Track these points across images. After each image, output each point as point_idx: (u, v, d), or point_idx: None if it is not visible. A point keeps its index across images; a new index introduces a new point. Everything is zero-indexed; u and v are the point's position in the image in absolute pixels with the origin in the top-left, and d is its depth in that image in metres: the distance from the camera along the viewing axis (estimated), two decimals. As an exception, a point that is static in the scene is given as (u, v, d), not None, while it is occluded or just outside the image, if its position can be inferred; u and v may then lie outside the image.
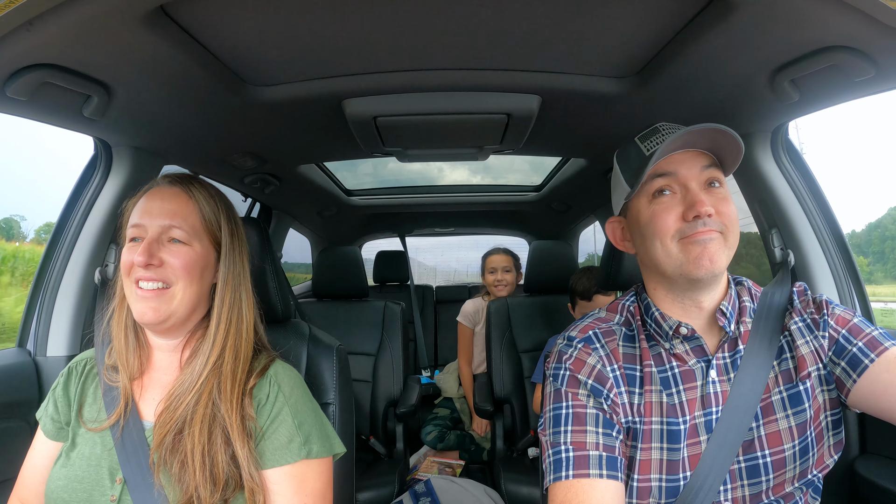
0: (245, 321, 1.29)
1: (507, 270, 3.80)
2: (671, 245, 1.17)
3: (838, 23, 1.14)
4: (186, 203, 1.27)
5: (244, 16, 1.25)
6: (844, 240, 1.82)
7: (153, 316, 1.19)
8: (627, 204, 1.28)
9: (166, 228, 1.22)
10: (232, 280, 1.30)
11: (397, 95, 1.74)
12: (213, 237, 1.29)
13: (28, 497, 1.27)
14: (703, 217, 1.13)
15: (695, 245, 1.14)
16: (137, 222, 1.23)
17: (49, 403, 1.31)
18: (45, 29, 1.10)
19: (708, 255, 1.13)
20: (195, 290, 1.25)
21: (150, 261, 1.18)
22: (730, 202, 1.18)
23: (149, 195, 1.27)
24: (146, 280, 1.19)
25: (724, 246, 1.15)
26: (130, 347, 1.28)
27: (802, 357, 1.20)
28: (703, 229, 1.13)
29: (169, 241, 1.23)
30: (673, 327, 1.21)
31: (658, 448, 1.18)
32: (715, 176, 1.19)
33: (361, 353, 3.14)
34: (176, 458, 1.13)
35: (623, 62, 1.56)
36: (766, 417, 1.18)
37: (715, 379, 1.20)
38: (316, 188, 3.31)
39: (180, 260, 1.22)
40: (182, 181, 1.30)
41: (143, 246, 1.19)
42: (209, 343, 1.24)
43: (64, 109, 1.47)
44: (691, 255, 1.14)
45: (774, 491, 1.18)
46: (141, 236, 1.22)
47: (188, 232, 1.24)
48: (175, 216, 1.24)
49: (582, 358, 1.25)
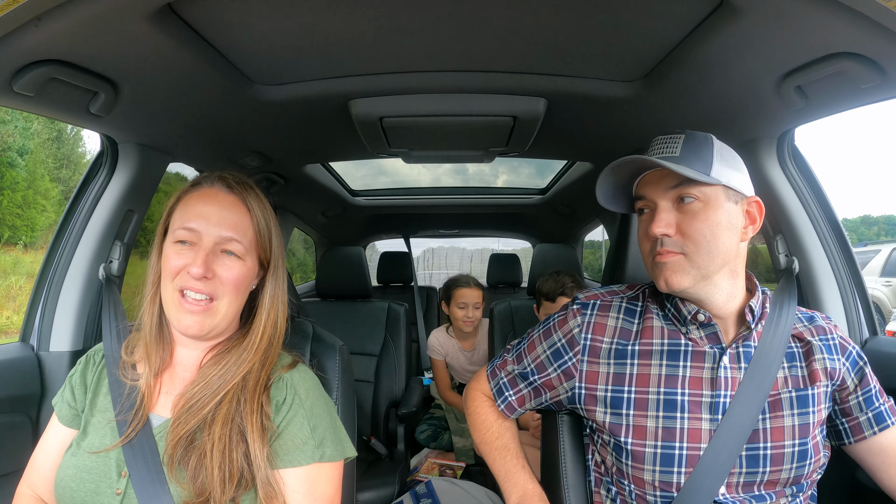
0: (279, 332, 1.30)
1: (477, 307, 3.57)
2: (648, 261, 1.29)
3: (845, 29, 1.14)
4: (245, 216, 1.24)
5: (252, 15, 1.25)
6: (850, 247, 1.81)
7: (197, 330, 1.19)
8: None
9: (225, 241, 1.21)
10: (279, 296, 1.31)
11: (404, 96, 1.74)
12: (263, 253, 1.28)
13: (38, 482, 1.27)
14: (658, 237, 1.23)
15: (656, 266, 1.26)
16: (192, 226, 1.19)
17: (66, 389, 1.31)
18: (52, 25, 1.10)
19: (664, 277, 1.25)
20: (237, 305, 1.25)
21: (207, 274, 1.17)
22: (699, 218, 1.21)
23: (204, 197, 1.24)
24: (195, 291, 1.18)
25: (688, 265, 1.22)
26: (156, 343, 1.27)
27: (816, 371, 1.28)
28: (660, 249, 1.23)
29: (222, 252, 1.21)
30: (692, 312, 1.28)
31: (654, 416, 1.26)
32: (683, 192, 1.22)
33: (364, 353, 3.13)
34: (193, 454, 1.13)
35: (630, 66, 1.56)
36: (773, 412, 1.24)
37: (727, 365, 1.26)
38: (321, 188, 3.32)
39: (233, 276, 1.21)
40: (240, 189, 1.26)
41: (201, 258, 1.17)
42: (249, 352, 1.24)
43: (71, 105, 1.47)
44: (654, 273, 1.28)
45: (767, 486, 1.24)
46: (193, 241, 1.20)
47: (245, 248, 1.23)
48: (235, 229, 1.22)
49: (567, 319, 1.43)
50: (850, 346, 1.33)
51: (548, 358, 1.41)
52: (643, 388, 1.28)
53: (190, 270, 1.16)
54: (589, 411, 1.35)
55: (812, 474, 1.25)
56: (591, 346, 1.36)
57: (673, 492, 1.22)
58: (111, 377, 1.27)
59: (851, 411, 1.30)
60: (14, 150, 19.31)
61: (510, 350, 1.55)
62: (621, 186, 1.35)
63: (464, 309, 3.54)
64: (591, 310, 1.40)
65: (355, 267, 3.25)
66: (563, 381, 1.39)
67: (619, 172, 1.29)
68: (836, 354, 1.30)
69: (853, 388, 1.30)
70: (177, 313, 1.19)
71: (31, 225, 19.35)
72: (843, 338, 1.34)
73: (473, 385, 1.62)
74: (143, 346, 1.28)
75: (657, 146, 1.28)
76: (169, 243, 1.22)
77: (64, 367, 1.72)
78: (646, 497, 1.26)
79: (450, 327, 3.71)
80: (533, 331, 1.51)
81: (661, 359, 1.29)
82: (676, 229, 1.21)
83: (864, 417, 1.29)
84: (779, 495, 1.24)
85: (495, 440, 1.51)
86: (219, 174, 1.28)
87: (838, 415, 1.32)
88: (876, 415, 1.29)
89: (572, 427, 1.50)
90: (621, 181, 1.33)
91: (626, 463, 1.27)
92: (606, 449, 1.34)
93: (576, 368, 1.36)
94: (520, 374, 1.48)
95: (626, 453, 1.27)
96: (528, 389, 1.47)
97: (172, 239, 1.21)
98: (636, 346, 1.33)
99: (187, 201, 1.24)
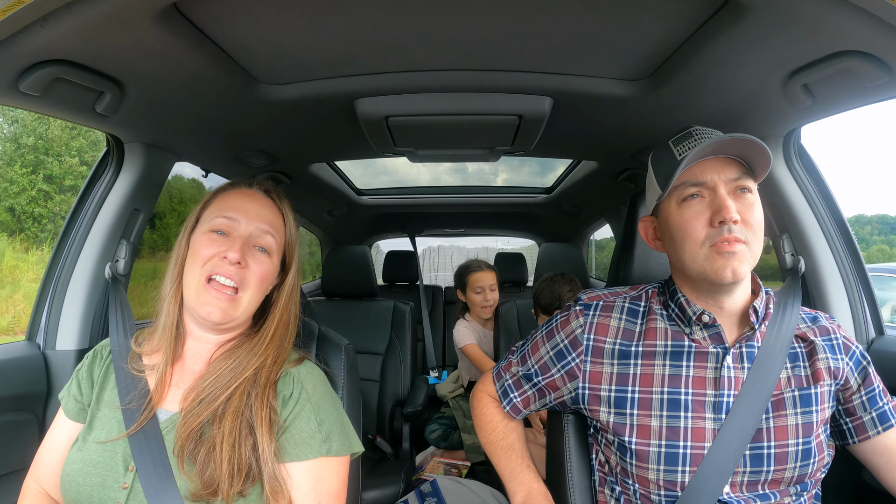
0: (291, 331, 1.34)
1: (493, 289, 3.53)
2: (699, 251, 1.22)
3: (852, 28, 1.13)
4: (278, 218, 1.33)
5: (257, 14, 1.26)
6: (856, 246, 1.80)
7: (220, 316, 1.22)
8: (659, 205, 1.33)
9: (261, 233, 1.27)
10: (293, 298, 1.36)
11: (409, 95, 1.74)
12: (288, 255, 1.35)
13: (44, 477, 1.28)
14: (728, 223, 1.18)
15: (721, 256, 1.19)
16: (231, 216, 1.26)
17: (72, 383, 1.32)
18: (58, 25, 1.10)
19: (731, 268, 1.18)
20: (257, 300, 1.29)
21: (241, 259, 1.22)
22: (757, 209, 1.23)
23: (243, 194, 1.31)
24: (226, 276, 1.22)
25: (749, 255, 1.20)
26: (170, 336, 1.29)
27: (820, 370, 1.27)
28: (728, 236, 1.18)
29: (254, 246, 1.27)
30: (696, 313, 1.28)
31: (658, 416, 1.27)
32: (744, 184, 1.23)
33: (370, 352, 3.14)
34: (202, 448, 1.14)
35: (635, 65, 1.55)
36: (777, 411, 1.24)
37: (731, 365, 1.27)
38: (326, 187, 3.32)
39: (262, 269, 1.27)
40: (276, 196, 1.36)
41: (238, 244, 1.23)
42: (260, 346, 1.27)
43: (77, 105, 1.48)
44: (716, 264, 1.20)
45: (771, 485, 1.24)
46: (229, 231, 1.26)
47: (276, 246, 1.30)
48: (271, 225, 1.30)
49: (569, 320, 1.43)
50: (854, 346, 1.33)
51: (551, 359, 1.42)
52: (647, 387, 1.29)
53: (227, 255, 1.21)
54: (593, 411, 1.35)
55: (816, 473, 1.25)
56: (594, 346, 1.36)
57: (677, 491, 1.23)
58: (118, 369, 1.29)
59: (855, 411, 1.30)
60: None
61: (514, 352, 1.56)
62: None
63: (480, 293, 3.52)
64: (593, 311, 1.40)
65: (361, 266, 3.26)
66: (567, 382, 1.39)
67: (700, 153, 1.22)
68: (840, 354, 1.30)
69: (857, 387, 1.30)
70: (200, 297, 1.22)
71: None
72: (846, 338, 1.34)
73: (479, 387, 1.63)
74: (156, 339, 1.31)
75: (700, 139, 1.25)
76: (200, 233, 1.27)
77: (70, 365, 1.73)
78: (650, 496, 1.26)
79: (467, 314, 3.68)
80: (536, 332, 1.51)
81: (665, 359, 1.30)
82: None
83: (867, 417, 1.29)
84: (783, 494, 1.24)
85: (500, 440, 1.52)
86: (256, 180, 1.37)
87: (842, 414, 1.32)
88: (880, 414, 1.29)
89: (578, 427, 1.50)
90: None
91: (631, 462, 1.27)
92: (611, 449, 1.34)
93: (579, 369, 1.37)
94: (524, 375, 1.48)
95: (631, 453, 1.27)
96: (533, 391, 1.47)
97: (207, 228, 1.26)
98: (640, 346, 1.33)
99: (225, 196, 1.31)
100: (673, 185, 1.25)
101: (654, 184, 1.33)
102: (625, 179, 2.79)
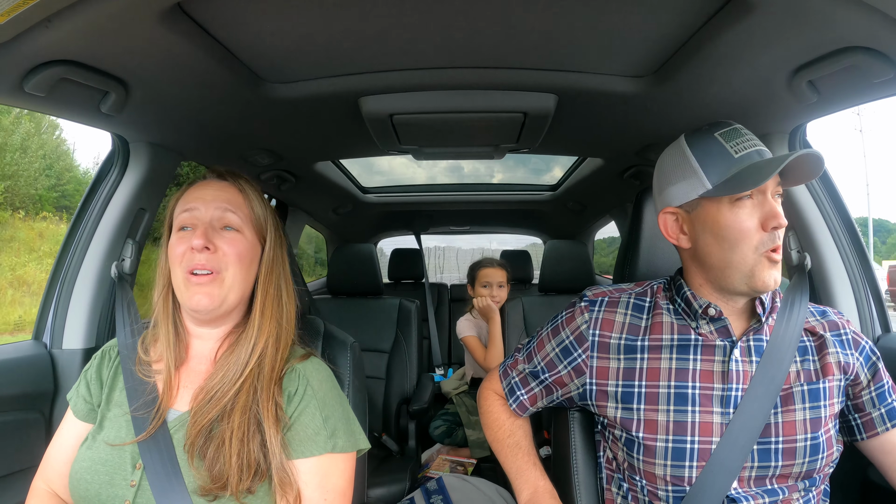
0: (286, 312, 1.33)
1: (501, 286, 3.51)
2: (750, 255, 1.20)
3: (858, 23, 1.13)
4: (237, 194, 1.31)
5: (261, 13, 1.26)
6: (862, 243, 1.80)
7: (209, 302, 1.22)
8: (696, 199, 1.27)
9: (221, 214, 1.26)
10: (274, 270, 1.34)
11: (414, 93, 1.74)
12: (260, 231, 1.32)
13: (52, 476, 1.28)
14: (780, 228, 1.19)
15: (771, 265, 1.20)
16: (190, 207, 1.26)
17: (81, 384, 1.33)
18: (63, 25, 1.11)
19: (774, 278, 1.20)
20: (243, 278, 1.27)
21: (207, 244, 1.21)
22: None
23: (198, 185, 1.31)
24: (200, 267, 1.21)
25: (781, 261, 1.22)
26: (171, 338, 1.29)
27: (829, 364, 1.27)
28: (778, 244, 1.19)
29: (222, 228, 1.26)
30: (703, 307, 1.28)
31: (665, 410, 1.26)
32: (780, 189, 1.24)
33: (375, 350, 3.14)
34: (211, 444, 1.15)
35: (640, 61, 1.55)
36: (785, 406, 1.24)
37: (738, 358, 1.26)
38: (332, 185, 3.32)
39: (234, 248, 1.25)
40: (231, 176, 1.34)
41: (199, 230, 1.22)
42: (253, 331, 1.27)
43: (81, 105, 1.48)
44: (764, 272, 1.20)
45: (779, 480, 1.23)
46: (192, 224, 1.25)
47: (242, 219, 1.28)
48: (230, 202, 1.28)
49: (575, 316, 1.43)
50: (864, 342, 1.32)
51: (557, 355, 1.42)
52: (653, 381, 1.28)
53: (192, 244, 1.20)
54: (600, 407, 1.35)
55: (825, 468, 1.24)
56: (599, 342, 1.36)
57: (685, 486, 1.22)
58: (126, 372, 1.29)
59: (864, 407, 1.30)
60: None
61: (521, 349, 1.56)
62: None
63: (487, 288, 3.50)
64: (598, 306, 1.40)
65: (366, 264, 3.26)
66: (574, 378, 1.39)
67: (773, 167, 1.16)
68: (850, 349, 1.30)
69: (866, 383, 1.29)
70: (186, 292, 1.22)
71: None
72: (856, 333, 1.33)
73: (486, 385, 1.63)
74: (159, 344, 1.30)
75: (749, 137, 1.24)
76: (173, 236, 1.27)
77: (76, 364, 1.74)
78: (657, 492, 1.26)
79: (473, 310, 3.66)
80: (542, 329, 1.51)
81: (671, 353, 1.29)
82: None
83: (876, 413, 1.28)
84: (791, 489, 1.23)
85: (507, 438, 1.52)
86: (211, 168, 1.36)
87: (851, 410, 1.31)
88: (889, 411, 1.28)
89: (583, 424, 1.50)
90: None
91: (638, 458, 1.27)
92: (618, 444, 1.34)
93: (586, 365, 1.36)
94: (531, 372, 1.48)
95: (638, 447, 1.27)
96: (540, 388, 1.47)
97: (176, 228, 1.27)
98: (645, 341, 1.33)
99: (185, 195, 1.30)
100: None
101: (697, 177, 1.25)
102: (630, 176, 2.78)
